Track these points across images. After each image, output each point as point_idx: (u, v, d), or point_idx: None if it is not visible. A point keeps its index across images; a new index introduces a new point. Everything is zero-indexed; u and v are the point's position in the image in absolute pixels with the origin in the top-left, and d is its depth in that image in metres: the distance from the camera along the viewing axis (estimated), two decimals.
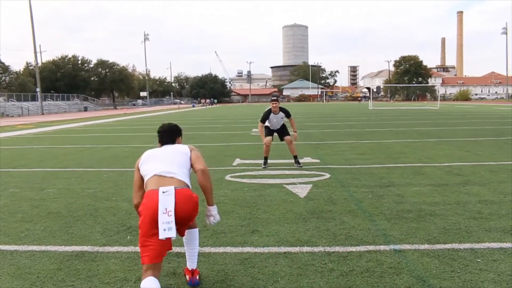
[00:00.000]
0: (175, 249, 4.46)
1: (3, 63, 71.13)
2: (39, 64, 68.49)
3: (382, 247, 4.41)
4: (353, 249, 4.39)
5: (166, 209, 3.06)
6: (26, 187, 7.69)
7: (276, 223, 5.25)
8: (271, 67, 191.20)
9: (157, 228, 3.07)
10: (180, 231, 3.33)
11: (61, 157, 11.92)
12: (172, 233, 3.02)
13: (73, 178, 8.50)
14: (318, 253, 4.31)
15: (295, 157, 9.24)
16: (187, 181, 3.39)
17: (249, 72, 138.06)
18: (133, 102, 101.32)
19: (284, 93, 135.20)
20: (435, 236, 4.71)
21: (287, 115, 9.23)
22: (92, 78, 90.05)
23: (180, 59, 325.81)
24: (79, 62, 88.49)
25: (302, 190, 6.89)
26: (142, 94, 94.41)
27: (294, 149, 9.30)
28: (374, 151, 11.44)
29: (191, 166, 3.52)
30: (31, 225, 5.43)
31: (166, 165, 3.35)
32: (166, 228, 3.03)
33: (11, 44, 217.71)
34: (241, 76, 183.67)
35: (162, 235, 3.03)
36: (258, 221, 5.36)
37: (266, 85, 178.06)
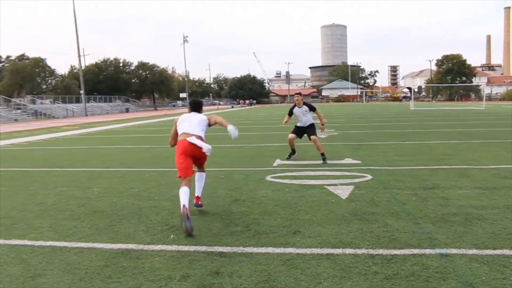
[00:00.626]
0: (218, 249, 4.50)
1: (49, 67, 73.70)
2: (83, 67, 70.53)
3: (427, 251, 4.31)
4: (398, 252, 4.31)
5: (195, 139, 5.52)
6: (73, 186, 7.95)
7: (318, 224, 5.22)
8: (310, 68, 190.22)
9: (184, 155, 5.47)
10: (197, 165, 5.88)
11: (105, 157, 12.25)
12: (193, 141, 5.49)
13: (116, 177, 8.72)
14: (361, 255, 4.26)
15: (322, 155, 9.93)
16: (203, 135, 5.79)
17: (287, 72, 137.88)
18: (173, 103, 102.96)
19: (323, 94, 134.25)
20: (484, 241, 4.57)
21: (311, 108, 10.17)
22: (133, 80, 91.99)
23: (219, 60, 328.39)
24: (121, 64, 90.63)
25: (343, 192, 6.83)
26: (182, 95, 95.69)
27: (320, 147, 9.98)
28: (417, 152, 11.21)
29: (209, 124, 5.91)
30: (79, 222, 5.60)
31: (191, 127, 5.73)
32: (195, 141, 5.49)
33: (56, 49, 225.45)
34: (280, 76, 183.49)
35: (189, 139, 5.52)
36: (300, 222, 5.35)
37: (304, 85, 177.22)
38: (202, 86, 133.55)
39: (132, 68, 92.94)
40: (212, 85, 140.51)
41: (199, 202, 5.96)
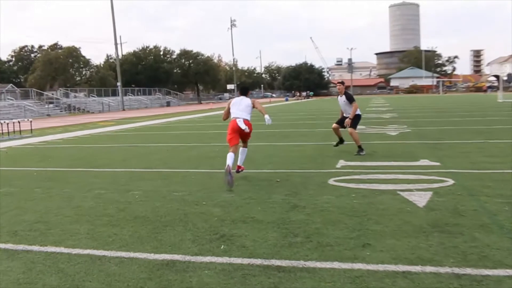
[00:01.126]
0: (276, 262, 4.48)
1: (84, 57, 76.36)
2: (120, 56, 72.59)
3: None
4: (489, 272, 4.14)
5: (242, 123, 8.39)
6: (111, 189, 8.17)
7: (391, 237, 5.11)
8: (376, 54, 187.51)
9: (233, 132, 8.48)
10: (243, 141, 8.83)
11: (145, 156, 12.54)
12: (242, 127, 8.44)
13: (158, 179, 8.90)
14: (444, 274, 4.12)
15: (359, 147, 11.35)
16: (249, 117, 8.69)
17: (349, 60, 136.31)
18: (219, 96, 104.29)
19: (391, 84, 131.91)
20: None
21: (349, 99, 11.49)
22: (175, 70, 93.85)
23: (271, 47, 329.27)
24: (161, 53, 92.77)
25: (420, 198, 6.66)
26: (229, 86, 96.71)
27: (357, 140, 11.40)
28: (508, 153, 10.77)
29: (253, 107, 8.84)
30: (118, 229, 5.74)
31: (240, 111, 8.69)
32: (241, 124, 8.38)
33: (92, 37, 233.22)
34: (341, 64, 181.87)
35: (239, 123, 8.49)
36: (370, 233, 5.25)
37: (370, 74, 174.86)
38: (252, 76, 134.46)
39: (174, 57, 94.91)
40: (263, 75, 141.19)
41: (240, 169, 8.89)
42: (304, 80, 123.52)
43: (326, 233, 5.29)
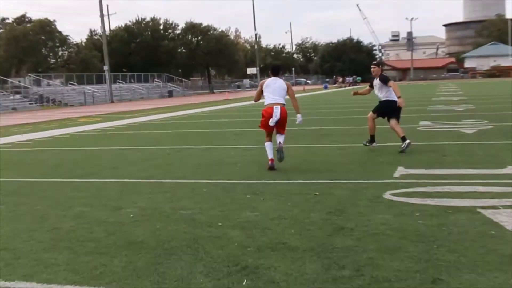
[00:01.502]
0: None
1: (60, 33, 77.06)
2: (107, 32, 73.30)
3: None
4: None
5: (276, 115, 10.71)
6: (98, 205, 8.24)
7: (470, 270, 5.07)
8: (445, 25, 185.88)
9: (269, 119, 10.82)
10: (279, 129, 11.05)
11: (142, 162, 12.63)
12: (274, 123, 10.80)
13: (159, 193, 8.95)
14: None
15: (402, 139, 12.57)
16: (284, 102, 10.82)
17: (409, 34, 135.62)
18: (237, 83, 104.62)
19: (466, 65, 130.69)
20: None
21: (383, 80, 12.99)
22: (179, 50, 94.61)
23: (304, 19, 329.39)
24: (161, 27, 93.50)
25: (509, 219, 6.58)
26: (250, 71, 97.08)
27: (398, 132, 12.71)
28: None
29: (287, 93, 11.05)
30: (108, 259, 5.78)
31: (275, 95, 10.87)
32: (273, 122, 10.75)
33: (69, 6, 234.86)
34: (398, 40, 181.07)
35: (271, 123, 10.81)
36: (441, 265, 5.21)
37: (437, 53, 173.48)
38: (280, 57, 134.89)
39: (178, 32, 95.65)
40: (294, 55, 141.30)
41: (281, 145, 11.01)
42: (349, 61, 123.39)
43: (382, 264, 5.25)
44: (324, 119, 23.76)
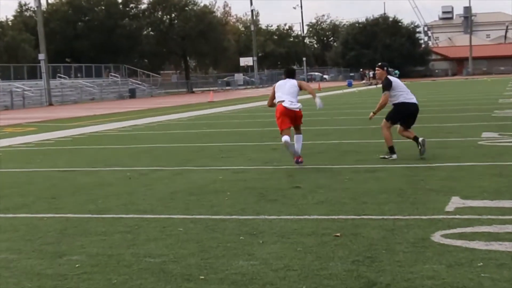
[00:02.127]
0: None
1: None
2: (44, 6, 73.23)
3: None
4: None
5: (289, 104, 14.45)
6: (30, 251, 8.16)
7: None
8: None
9: (282, 116, 14.48)
10: (295, 126, 14.79)
11: (92, 190, 12.56)
12: (294, 107, 14.46)
13: (117, 233, 8.89)
14: None
15: (414, 139, 14.90)
16: (296, 98, 14.57)
17: (467, 10, 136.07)
18: (226, 79, 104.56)
19: None
20: None
21: (383, 87, 15.25)
22: (145, 32, 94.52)
23: None
24: (120, 0, 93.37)
25: None
26: (245, 61, 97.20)
27: (409, 134, 15.23)
28: None
29: (301, 89, 14.84)
30: None
31: (284, 94, 14.54)
32: (289, 105, 14.37)
33: None
34: (451, 18, 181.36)
35: (285, 105, 14.43)
36: None
37: (505, 36, 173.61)
38: (286, 43, 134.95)
39: (143, 7, 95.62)
40: (306, 40, 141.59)
41: (299, 160, 14.15)
42: (382, 48, 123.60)
43: None
44: (346, 129, 23.74)
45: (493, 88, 57.94)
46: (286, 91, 14.41)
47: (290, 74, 15.19)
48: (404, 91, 15.18)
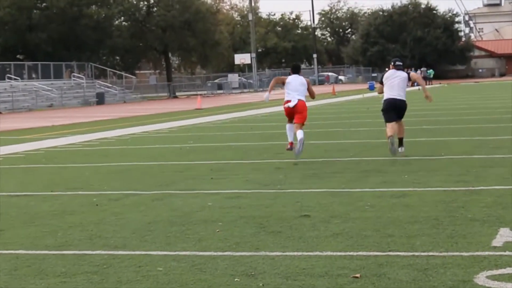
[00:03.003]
0: None
1: None
2: None
3: None
4: None
5: (291, 102, 21.36)
6: None
7: None
8: None
9: (289, 114, 21.40)
10: (296, 119, 21.16)
11: (50, 219, 12.54)
12: (292, 104, 21.31)
13: (80, 273, 8.85)
14: None
15: (400, 140, 19.25)
16: (304, 97, 21.37)
17: None
18: (217, 81, 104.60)
19: None
20: None
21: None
22: (117, 22, 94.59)
23: None
24: None
25: None
26: (240, 59, 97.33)
27: (401, 131, 19.87)
28: None
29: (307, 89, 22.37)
30: None
31: (294, 92, 21.02)
32: (291, 104, 20.98)
33: None
34: (498, 5, 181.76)
35: (290, 105, 21.11)
36: None
37: None
38: (292, 36, 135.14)
39: None
40: (318, 32, 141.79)
41: (299, 146, 20.06)
42: (414, 42, 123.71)
43: None
44: (367, 144, 23.75)
45: None
46: (295, 88, 20.40)
47: (297, 70, 21.34)
48: (387, 87, 20.49)
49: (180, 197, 14.46)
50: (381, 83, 20.97)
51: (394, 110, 20.14)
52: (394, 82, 20.36)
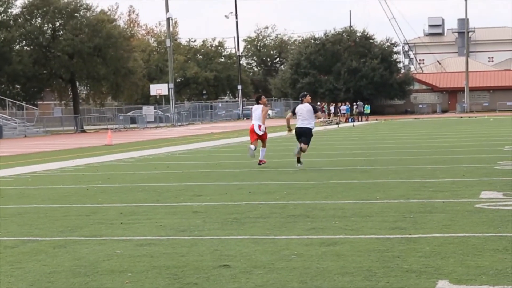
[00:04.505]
0: None
1: None
2: None
3: None
4: None
5: (257, 129, 35.37)
6: None
7: None
8: None
9: (252, 133, 35.90)
10: (261, 141, 36.19)
11: None
12: (258, 132, 35.38)
13: None
14: None
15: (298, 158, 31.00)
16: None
17: (463, 22, 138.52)
18: (131, 114, 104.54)
19: None
20: None
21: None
22: (17, 47, 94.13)
23: None
24: None
25: None
26: (157, 89, 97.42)
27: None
28: None
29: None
30: None
31: (255, 119, 35.77)
32: (257, 130, 35.06)
33: None
34: (440, 33, 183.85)
35: (256, 131, 35.12)
36: None
37: None
38: (215, 64, 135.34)
39: (14, 12, 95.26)
40: (244, 61, 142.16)
41: (261, 162, 33.18)
42: (348, 73, 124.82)
43: None
44: (293, 185, 23.87)
45: (497, 130, 58.80)
46: (255, 116, 32.16)
47: (258, 100, 33.04)
48: (299, 118, 30.93)
49: (85, 244, 14.38)
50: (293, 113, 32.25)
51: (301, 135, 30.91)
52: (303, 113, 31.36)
